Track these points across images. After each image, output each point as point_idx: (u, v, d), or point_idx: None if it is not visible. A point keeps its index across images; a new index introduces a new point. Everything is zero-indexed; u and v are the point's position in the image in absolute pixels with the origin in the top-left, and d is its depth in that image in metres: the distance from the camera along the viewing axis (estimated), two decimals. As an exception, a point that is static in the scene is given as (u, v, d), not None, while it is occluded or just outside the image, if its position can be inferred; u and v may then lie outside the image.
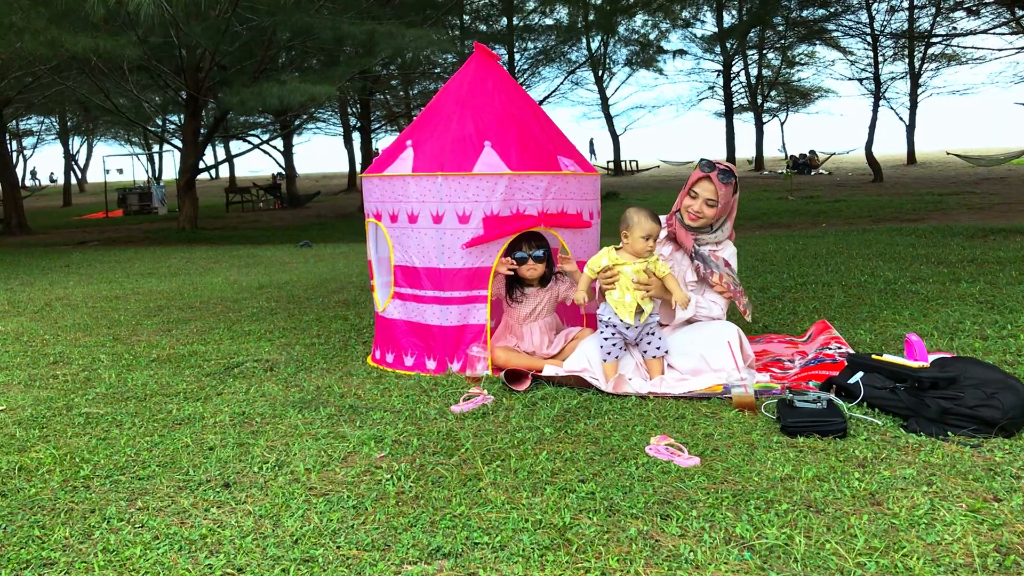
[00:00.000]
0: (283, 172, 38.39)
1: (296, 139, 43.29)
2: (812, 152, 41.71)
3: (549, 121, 4.58)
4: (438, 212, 4.16)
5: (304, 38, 17.68)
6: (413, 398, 3.77)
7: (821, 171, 38.62)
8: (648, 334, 3.95)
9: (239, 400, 3.88)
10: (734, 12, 35.42)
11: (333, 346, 5.07)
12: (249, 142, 29.83)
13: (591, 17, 30.40)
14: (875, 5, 31.62)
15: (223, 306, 6.82)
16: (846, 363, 3.66)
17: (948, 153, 34.98)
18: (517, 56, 32.34)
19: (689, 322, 4.18)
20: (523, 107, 4.48)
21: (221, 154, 49.83)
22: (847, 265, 7.73)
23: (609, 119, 42.99)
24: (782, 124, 51.19)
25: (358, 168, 42.37)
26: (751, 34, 35.24)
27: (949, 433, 3.07)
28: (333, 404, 3.72)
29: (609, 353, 3.94)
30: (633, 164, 44.81)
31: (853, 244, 10.05)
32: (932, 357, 3.69)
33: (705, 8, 34.50)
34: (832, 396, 3.28)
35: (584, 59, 35.10)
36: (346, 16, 17.62)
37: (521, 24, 27.65)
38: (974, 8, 23.75)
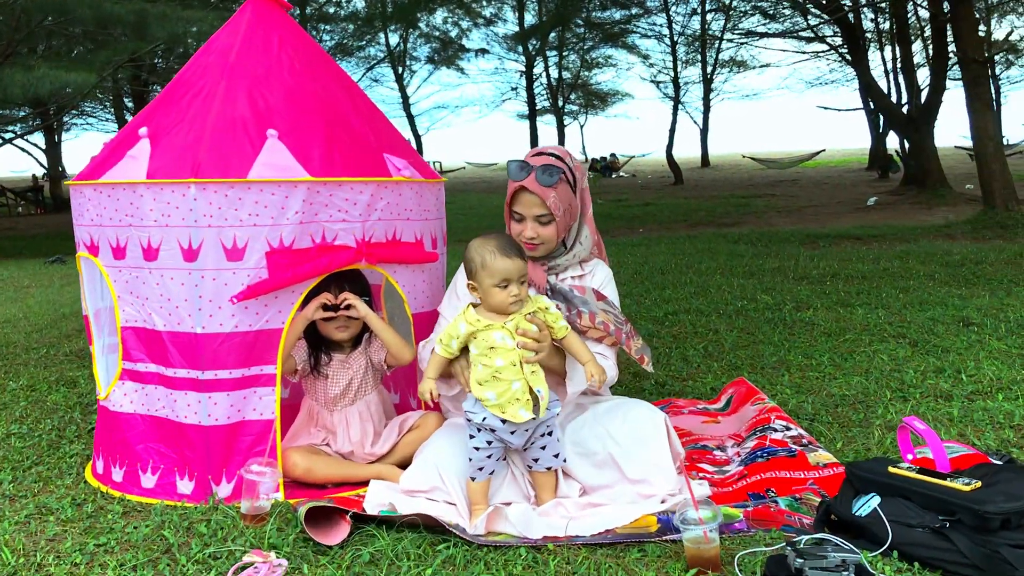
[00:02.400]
0: (47, 172, 34.21)
1: (65, 136, 39.04)
2: (613, 155, 42.02)
3: (368, 103, 3.08)
4: (191, 243, 2.57)
5: (59, 18, 15.09)
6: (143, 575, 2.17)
7: (622, 174, 38.92)
8: (543, 435, 2.55)
9: None
10: (534, 12, 34.82)
11: (38, 442, 3.34)
12: (2, 138, 26.11)
13: (389, 10, 28.83)
14: (674, 8, 31.99)
15: None
16: (844, 474, 2.41)
17: (744, 156, 36.03)
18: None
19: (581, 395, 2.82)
20: (328, 79, 2.96)
21: (-25, 152, 44.22)
22: (707, 283, 6.68)
23: (411, 118, 41.50)
24: (582, 127, 51.69)
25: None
26: (552, 35, 34.82)
27: (1049, 611, 1.88)
28: (-9, 599, 2.08)
29: (481, 469, 2.50)
30: (437, 166, 43.57)
31: (691, 254, 9.14)
32: (950, 450, 2.51)
33: (506, 7, 33.70)
34: (860, 557, 2.00)
35: (383, 55, 33.54)
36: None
37: (315, 14, 25.65)
38: (771, 12, 24.09)
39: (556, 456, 2.54)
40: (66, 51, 19.34)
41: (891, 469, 2.27)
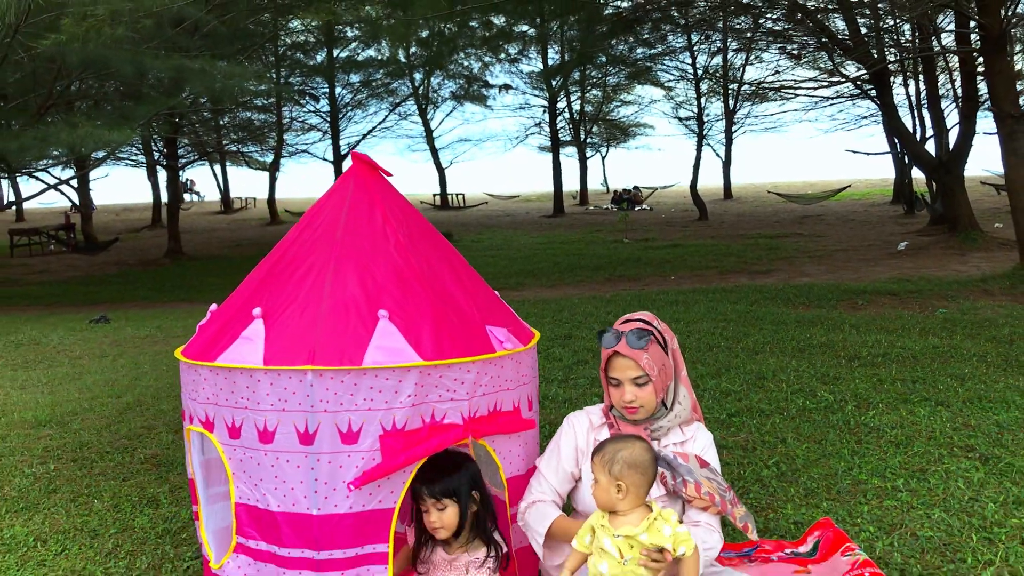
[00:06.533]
0: (74, 204, 34.53)
1: (93, 172, 39.53)
2: (636, 188, 42.12)
3: (470, 272, 3.16)
4: (308, 427, 2.65)
5: (99, 72, 15.36)
6: None
7: (645, 206, 38.99)
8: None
9: None
10: (557, 49, 35.09)
11: (139, 585, 3.42)
12: (40, 180, 26.34)
13: (414, 50, 29.21)
14: (697, 47, 32.19)
15: (-21, 472, 4.94)
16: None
17: (769, 192, 36.03)
18: (340, 90, 30.55)
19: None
20: (432, 253, 3.04)
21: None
22: (761, 369, 6.69)
23: (434, 152, 41.85)
24: (603, 159, 51.91)
25: (162, 198, 39.01)
26: (574, 72, 35.10)
27: None
28: None
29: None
30: (460, 198, 43.81)
31: (734, 321, 9.16)
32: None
33: (531, 48, 34.00)
34: None
35: (408, 93, 33.88)
36: (148, 46, 15.43)
37: (344, 56, 25.95)
38: (795, 53, 24.14)
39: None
40: (104, 105, 19.65)
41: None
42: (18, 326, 11.77)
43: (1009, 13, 13.63)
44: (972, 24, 16.27)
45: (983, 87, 20.31)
